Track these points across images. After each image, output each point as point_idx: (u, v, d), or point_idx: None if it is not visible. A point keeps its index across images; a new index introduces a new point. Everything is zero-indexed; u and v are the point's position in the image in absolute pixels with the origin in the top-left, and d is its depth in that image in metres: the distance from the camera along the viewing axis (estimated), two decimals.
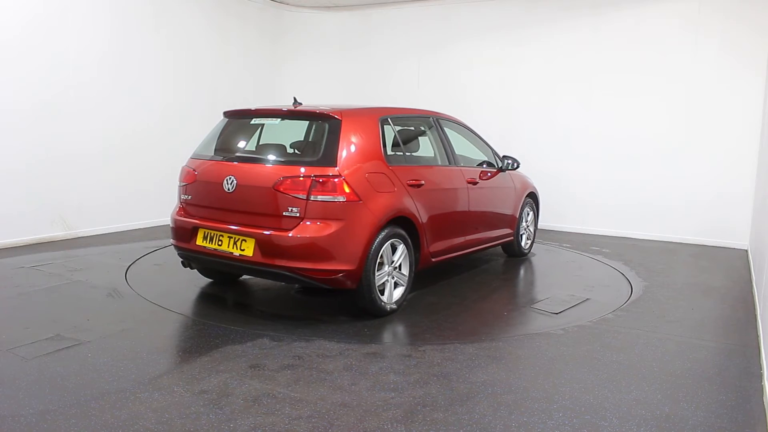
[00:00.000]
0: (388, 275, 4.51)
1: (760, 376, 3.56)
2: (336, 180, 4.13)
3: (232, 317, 4.40)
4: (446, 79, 9.13)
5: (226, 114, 4.97)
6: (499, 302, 5.09)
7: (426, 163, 5.30)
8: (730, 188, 7.53)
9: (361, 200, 4.21)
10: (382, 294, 4.46)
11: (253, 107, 4.95)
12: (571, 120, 8.36)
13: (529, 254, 6.90)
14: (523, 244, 6.72)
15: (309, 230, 4.07)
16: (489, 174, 5.92)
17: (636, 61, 7.87)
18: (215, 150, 4.75)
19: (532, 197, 6.88)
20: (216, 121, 5.16)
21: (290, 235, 4.06)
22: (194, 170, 4.67)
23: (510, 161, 6.18)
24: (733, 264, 6.72)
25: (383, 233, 4.35)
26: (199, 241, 4.50)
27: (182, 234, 4.63)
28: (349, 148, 4.32)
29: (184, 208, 4.75)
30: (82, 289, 4.94)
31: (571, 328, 4.38)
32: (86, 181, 6.99)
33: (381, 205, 4.34)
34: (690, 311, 4.90)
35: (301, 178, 4.12)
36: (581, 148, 8.32)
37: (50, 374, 3.29)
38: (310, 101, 6.15)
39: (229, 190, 4.34)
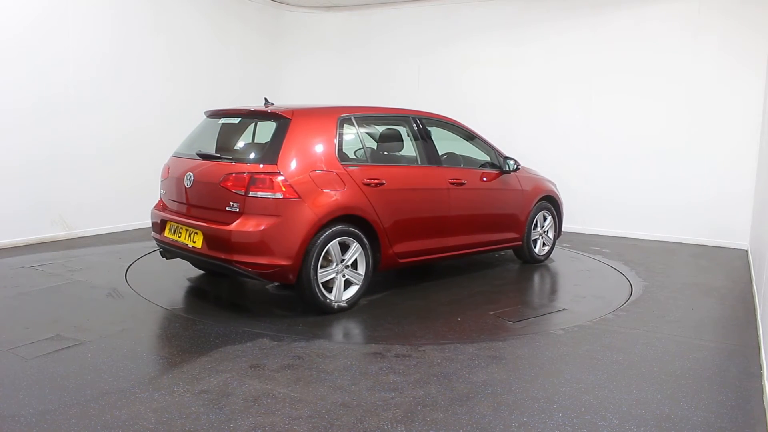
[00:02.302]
0: (338, 273, 4.52)
1: (760, 376, 3.56)
2: (273, 177, 4.25)
3: (232, 317, 4.40)
4: (446, 79, 9.13)
5: (205, 114, 5.23)
6: (464, 307, 4.83)
7: (394, 163, 5.22)
8: (730, 188, 7.53)
9: (300, 197, 4.28)
10: (330, 291, 4.49)
11: (231, 107, 5.18)
12: (571, 120, 8.36)
13: (546, 260, 6.54)
14: (537, 250, 6.38)
15: (245, 225, 4.21)
16: (487, 175, 5.76)
17: (636, 61, 7.87)
18: (187, 148, 5.02)
19: (550, 201, 6.50)
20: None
21: (228, 229, 4.24)
22: (168, 167, 5.02)
23: (511, 162, 5.95)
24: (733, 264, 6.72)
25: (328, 231, 4.38)
26: (166, 233, 4.82)
27: (156, 226, 4.98)
28: (294, 146, 4.42)
29: (161, 201, 5.11)
30: (82, 289, 4.94)
31: (571, 328, 4.38)
32: (86, 181, 6.99)
33: (323, 203, 4.37)
34: (690, 311, 4.90)
35: (242, 175, 4.30)
36: (581, 148, 8.33)
37: (50, 374, 3.29)
38: (308, 101, 6.14)
39: (188, 185, 4.65)
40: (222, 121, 4.99)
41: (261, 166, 4.32)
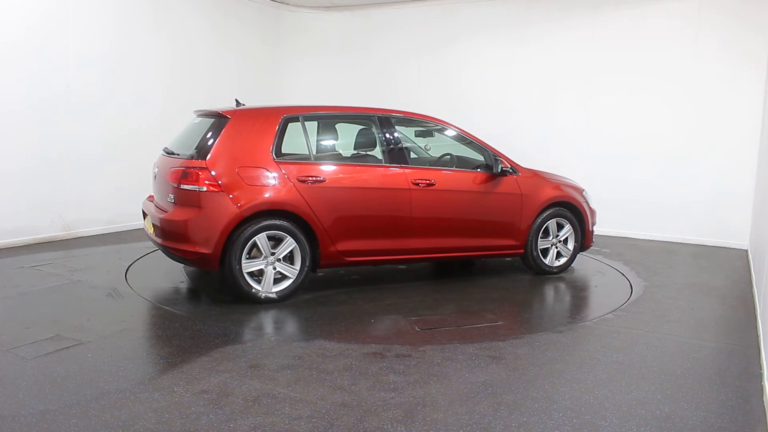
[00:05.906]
0: (267, 265, 4.68)
1: (760, 376, 3.56)
2: (199, 171, 4.58)
3: (232, 317, 4.40)
4: (446, 79, 9.13)
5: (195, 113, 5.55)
6: (397, 311, 4.65)
7: (343, 161, 5.13)
8: (730, 188, 7.53)
9: (224, 191, 4.57)
10: (259, 282, 4.66)
11: (206, 108, 5.43)
12: (571, 120, 8.36)
13: (561, 272, 5.96)
14: (548, 260, 5.85)
15: (173, 215, 4.64)
16: (476, 177, 5.49)
17: (636, 61, 7.87)
18: (169, 145, 5.37)
19: (570, 208, 5.91)
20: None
21: (162, 217, 4.69)
22: (154, 162, 5.41)
23: (500, 163, 5.51)
24: (733, 264, 6.72)
25: (254, 223, 4.59)
26: (144, 221, 5.32)
27: (143, 214, 5.44)
28: (226, 143, 4.71)
29: (152, 194, 5.54)
30: (82, 289, 4.94)
31: (570, 328, 4.38)
32: (86, 181, 6.99)
33: (247, 197, 4.59)
34: (690, 311, 4.90)
35: (178, 169, 4.68)
36: (581, 147, 8.32)
37: (50, 374, 3.29)
38: (308, 101, 6.14)
39: (155, 179, 5.21)
40: (194, 120, 5.37)
41: (192, 161, 4.67)
